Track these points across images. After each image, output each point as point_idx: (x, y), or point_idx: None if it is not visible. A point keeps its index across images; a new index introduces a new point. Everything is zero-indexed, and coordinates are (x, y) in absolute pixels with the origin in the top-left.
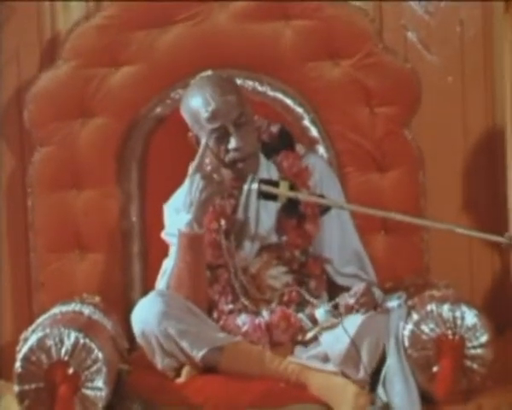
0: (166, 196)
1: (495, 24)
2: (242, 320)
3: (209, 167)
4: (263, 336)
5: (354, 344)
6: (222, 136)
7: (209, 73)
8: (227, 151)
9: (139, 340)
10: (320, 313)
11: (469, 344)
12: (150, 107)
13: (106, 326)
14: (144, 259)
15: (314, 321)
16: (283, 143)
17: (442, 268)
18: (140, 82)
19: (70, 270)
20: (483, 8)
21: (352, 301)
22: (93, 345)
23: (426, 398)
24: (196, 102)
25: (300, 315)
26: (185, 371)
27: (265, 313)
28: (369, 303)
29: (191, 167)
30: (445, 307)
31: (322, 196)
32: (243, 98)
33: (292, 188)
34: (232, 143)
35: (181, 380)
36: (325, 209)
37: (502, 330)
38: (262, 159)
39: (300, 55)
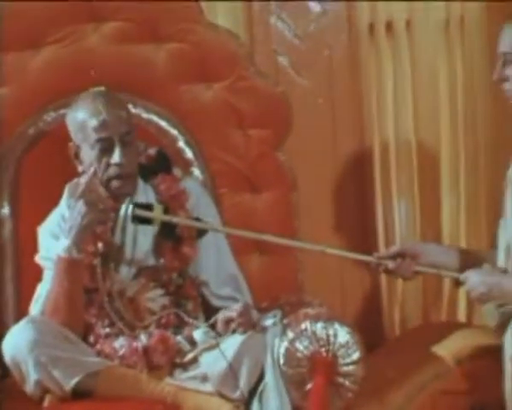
0: (40, 218)
1: (361, 47)
2: (120, 344)
3: (94, 194)
4: (140, 360)
5: (231, 367)
6: (106, 148)
7: (102, 88)
8: (108, 165)
9: (10, 367)
10: (198, 334)
11: (342, 361)
12: (22, 129)
13: None
14: (17, 283)
15: (192, 343)
16: (161, 166)
17: (315, 287)
18: (12, 104)
19: None
20: (349, 32)
21: (233, 314)
22: None
23: None
24: (85, 112)
25: (178, 338)
26: (48, 397)
27: (143, 337)
28: (246, 323)
29: (67, 189)
30: (319, 325)
31: (197, 220)
32: (131, 119)
33: (166, 211)
34: (115, 158)
35: (44, 406)
36: (202, 232)
37: (371, 348)
38: (139, 182)
39: (174, 77)
